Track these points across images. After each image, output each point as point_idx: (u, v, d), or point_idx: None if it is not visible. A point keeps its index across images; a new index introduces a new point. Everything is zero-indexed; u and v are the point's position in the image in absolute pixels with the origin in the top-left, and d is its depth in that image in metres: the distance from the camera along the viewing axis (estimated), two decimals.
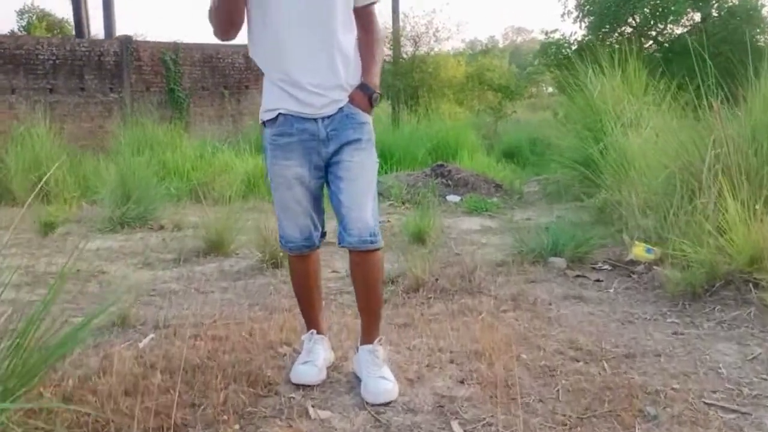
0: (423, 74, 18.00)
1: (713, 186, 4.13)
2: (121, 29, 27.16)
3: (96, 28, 20.53)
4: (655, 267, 4.09)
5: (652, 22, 16.68)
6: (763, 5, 15.87)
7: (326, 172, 2.26)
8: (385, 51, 2.37)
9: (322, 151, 2.22)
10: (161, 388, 2.28)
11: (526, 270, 4.25)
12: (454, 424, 2.07)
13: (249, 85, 14.20)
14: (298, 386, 2.33)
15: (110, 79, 12.38)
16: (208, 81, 13.68)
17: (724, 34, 15.59)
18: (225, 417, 2.08)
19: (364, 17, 2.32)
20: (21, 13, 24.93)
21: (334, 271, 4.30)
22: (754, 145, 4.43)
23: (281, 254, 4.34)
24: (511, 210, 7.27)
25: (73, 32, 16.38)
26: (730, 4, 16.29)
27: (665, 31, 16.72)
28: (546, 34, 17.63)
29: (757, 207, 3.52)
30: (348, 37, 2.24)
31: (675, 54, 15.88)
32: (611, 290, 3.77)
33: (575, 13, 17.24)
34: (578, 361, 2.61)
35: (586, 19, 17.21)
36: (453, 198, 7.73)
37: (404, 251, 4.91)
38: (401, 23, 18.31)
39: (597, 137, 7.49)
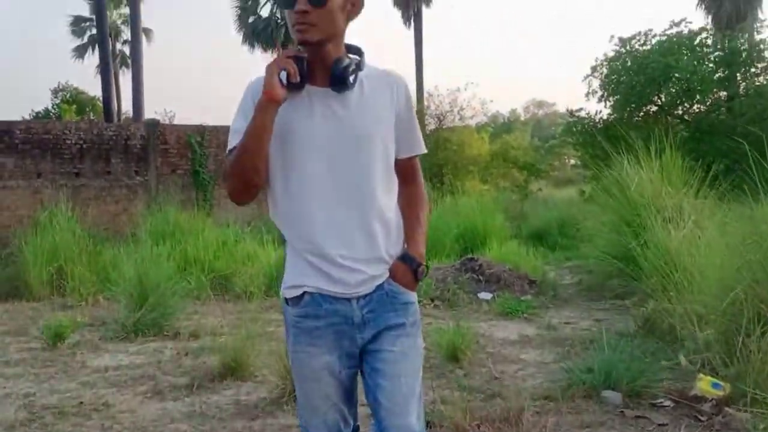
0: (447, 152, 17.80)
1: None
2: (150, 107, 27.49)
3: (126, 105, 20.82)
4: (726, 408, 3.57)
5: (678, 102, 16.40)
6: None
7: (361, 359, 1.83)
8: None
9: (356, 337, 1.80)
10: None
11: (577, 407, 3.74)
12: None
13: None
14: None
15: (136, 162, 12.25)
16: None
17: (752, 114, 15.24)
18: None
19: (408, 169, 1.93)
20: (55, 91, 25.48)
21: None
22: None
23: None
24: (546, 310, 6.78)
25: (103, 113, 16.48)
26: (758, 83, 15.99)
27: (692, 110, 16.40)
28: (571, 113, 17.41)
29: None
30: (389, 197, 1.84)
31: (703, 133, 15.53)
32: None
33: (600, 93, 17.01)
34: None
35: (611, 98, 16.98)
36: (485, 295, 7.26)
37: (438, 374, 4.44)
38: (426, 102, 18.24)
39: (636, 232, 7.08)
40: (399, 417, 1.74)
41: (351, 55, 1.83)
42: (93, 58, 25.55)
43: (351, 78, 1.75)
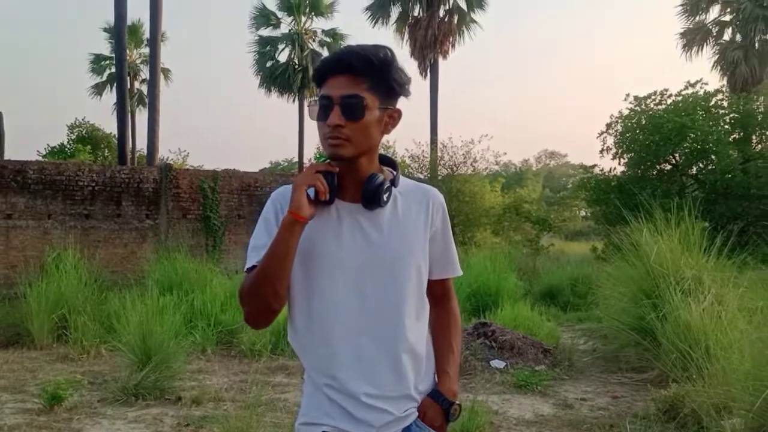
0: (460, 203, 17.67)
1: None
2: (164, 145, 27.61)
3: (141, 143, 20.90)
4: None
5: (692, 162, 16.31)
6: None
7: None
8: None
9: None
10: None
11: None
12: None
13: None
14: None
15: (147, 206, 12.16)
16: (244, 209, 13.43)
17: (767, 178, 15.13)
18: None
19: (441, 291, 1.76)
20: (72, 127, 25.65)
21: None
22: None
23: None
24: (562, 383, 6.52)
25: (131, 159, 16.46)
26: None
27: (706, 170, 16.28)
28: (585, 169, 17.32)
29: None
30: (419, 326, 1.66)
31: (718, 195, 15.38)
32: None
33: (614, 150, 16.95)
34: None
35: (625, 155, 16.90)
36: (497, 363, 7.01)
37: None
38: (439, 153, 18.20)
39: (654, 303, 6.86)
40: None
41: (386, 168, 1.68)
42: (111, 95, 25.81)
43: (385, 196, 1.59)
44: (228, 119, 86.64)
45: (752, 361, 4.36)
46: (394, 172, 1.68)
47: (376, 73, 1.57)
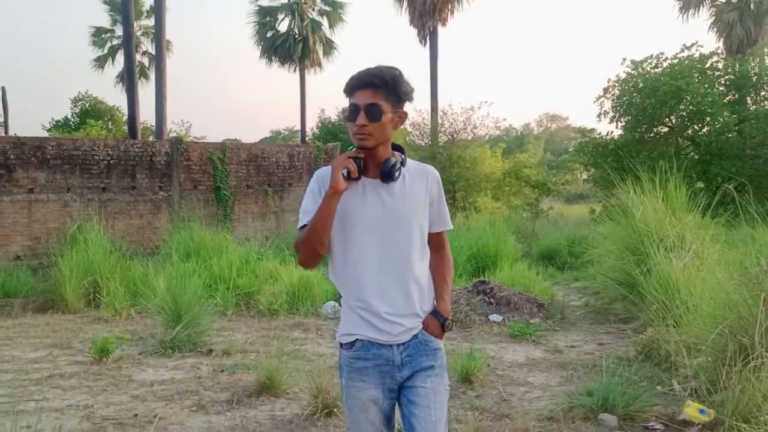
0: (461, 169, 18.29)
1: (766, 350, 4.13)
2: (174, 118, 28.08)
3: (145, 115, 21.47)
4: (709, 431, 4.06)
5: (688, 124, 16.82)
6: None
7: (399, 393, 2.35)
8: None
9: (396, 375, 2.32)
10: None
11: (577, 428, 4.24)
12: None
13: (292, 182, 14.60)
14: None
15: (160, 178, 12.84)
16: (252, 179, 14.10)
17: (762, 137, 15.66)
18: None
19: (437, 241, 2.46)
20: (75, 101, 26.20)
21: None
22: None
23: (333, 402, 4.41)
24: (554, 333, 7.26)
25: (126, 128, 17.07)
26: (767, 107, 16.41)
27: (701, 133, 16.81)
28: (583, 133, 17.88)
29: None
30: (422, 265, 2.37)
31: (712, 156, 15.94)
32: None
33: (611, 114, 17.47)
34: None
35: (622, 119, 17.43)
36: (495, 317, 7.75)
37: (453, 395, 4.93)
38: (440, 120, 18.76)
39: (639, 260, 7.53)
40: None
41: (396, 153, 2.36)
42: (112, 68, 26.30)
43: (396, 173, 2.28)
44: (228, 90, 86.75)
45: (713, 304, 5.07)
46: (403, 156, 2.37)
47: (389, 87, 2.26)
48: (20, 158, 11.21)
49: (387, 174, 2.28)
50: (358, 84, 2.26)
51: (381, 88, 2.25)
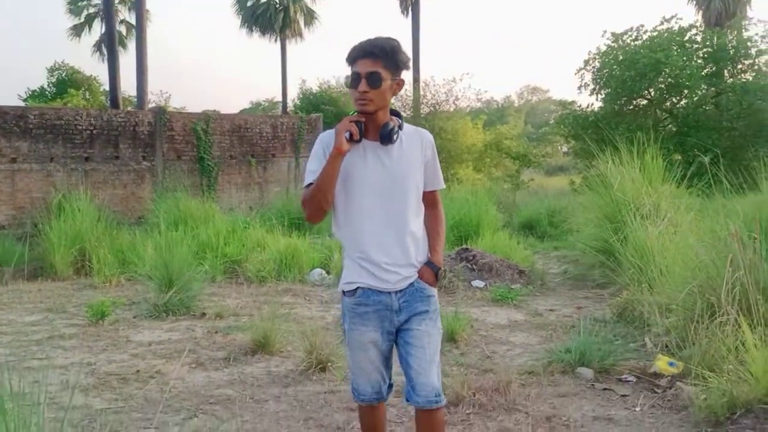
0: (442, 140, 18.53)
1: (732, 306, 4.46)
2: (152, 89, 27.95)
3: (123, 85, 21.39)
4: (678, 382, 4.39)
5: (666, 96, 17.16)
6: None
7: (396, 335, 2.62)
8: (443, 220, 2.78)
9: (394, 319, 2.59)
10: None
11: (556, 381, 4.55)
12: None
13: (275, 153, 14.76)
14: None
15: (143, 148, 12.94)
16: (236, 150, 14.24)
17: (738, 110, 16.06)
18: None
19: (431, 199, 2.71)
20: (51, 70, 25.92)
21: None
22: None
23: (326, 358, 4.68)
24: (534, 298, 7.58)
25: (104, 98, 17.03)
26: (744, 80, 16.78)
27: (679, 105, 17.19)
28: (563, 105, 18.18)
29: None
30: (417, 220, 2.62)
31: (690, 128, 16.34)
32: (637, 409, 4.06)
33: (591, 86, 17.77)
34: None
35: (602, 92, 17.74)
36: (478, 283, 8.06)
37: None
38: (422, 91, 18.94)
39: (617, 227, 7.86)
40: (423, 376, 2.53)
41: (394, 118, 2.60)
42: (89, 36, 26.03)
43: (394, 137, 2.52)
44: (207, 61, 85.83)
45: (684, 267, 5.40)
46: (400, 120, 2.61)
47: (388, 57, 2.48)
48: (2, 128, 11.27)
49: (386, 137, 2.52)
50: (359, 53, 2.48)
51: (380, 57, 2.47)
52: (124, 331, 5.80)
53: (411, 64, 2.60)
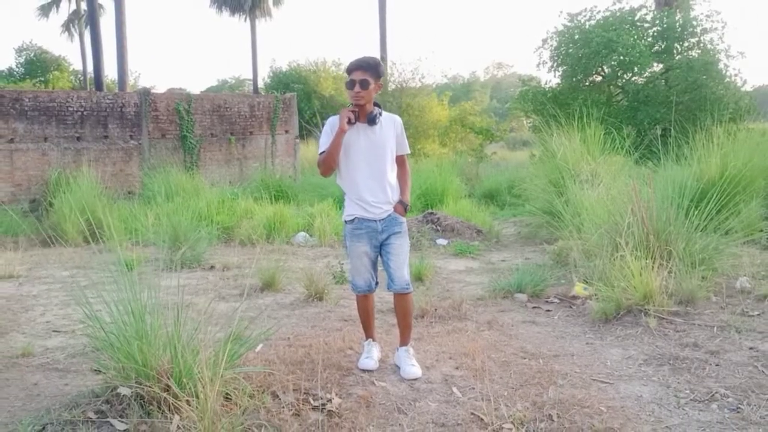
0: (410, 116, 20.05)
1: (627, 243, 6.11)
2: (111, 66, 28.81)
3: (91, 65, 22.42)
4: (588, 300, 6.04)
5: (619, 73, 18.82)
6: (719, 60, 18.04)
7: (380, 248, 4.17)
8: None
9: (379, 237, 4.14)
10: (284, 371, 4.13)
11: (498, 303, 6.17)
12: (454, 389, 3.96)
13: (253, 131, 16.15)
14: (364, 371, 4.20)
15: (130, 128, 14.26)
16: (216, 128, 15.61)
17: (684, 85, 17.81)
18: (329, 385, 3.94)
19: (401, 160, 4.27)
20: (19, 50, 26.74)
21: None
22: (663, 212, 6.42)
23: (324, 289, 6.23)
24: (489, 252, 9.21)
25: (73, 78, 18.09)
26: (690, 57, 18.52)
27: (631, 82, 18.86)
28: (523, 82, 19.79)
29: (647, 261, 5.48)
30: (392, 174, 4.18)
31: (640, 103, 18.06)
32: (555, 317, 5.69)
33: (550, 63, 19.38)
34: (524, 359, 4.51)
35: (560, 69, 19.36)
36: (441, 241, 9.66)
37: None
38: (389, 70, 20.38)
39: (560, 191, 9.50)
40: (398, 271, 4.10)
41: (376, 108, 4.12)
42: (57, 16, 26.88)
43: (377, 120, 4.06)
44: (174, 39, 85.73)
45: (603, 217, 7.04)
46: (380, 109, 4.14)
47: (372, 69, 4.02)
48: (0, 110, 12.50)
49: (371, 120, 4.06)
50: (355, 66, 4.02)
51: (368, 69, 4.01)
52: (152, 279, 7.26)
53: (384, 69, 4.14)
